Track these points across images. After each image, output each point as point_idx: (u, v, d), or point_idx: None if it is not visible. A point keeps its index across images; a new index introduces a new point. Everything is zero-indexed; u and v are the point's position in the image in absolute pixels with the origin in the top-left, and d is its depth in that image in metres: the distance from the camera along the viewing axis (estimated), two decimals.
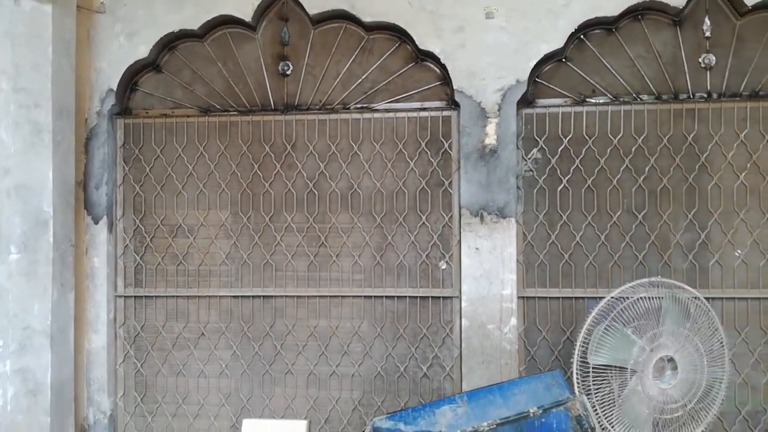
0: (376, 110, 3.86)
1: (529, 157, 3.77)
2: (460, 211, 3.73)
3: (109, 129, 3.94)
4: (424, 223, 3.83)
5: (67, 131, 3.70)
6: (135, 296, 3.98)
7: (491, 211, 3.69)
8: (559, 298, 3.71)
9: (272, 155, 3.92)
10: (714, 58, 3.68)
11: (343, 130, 3.88)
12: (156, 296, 3.97)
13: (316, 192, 3.88)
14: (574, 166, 3.73)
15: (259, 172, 3.92)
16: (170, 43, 3.96)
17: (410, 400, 3.75)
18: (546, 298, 3.72)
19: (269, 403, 3.87)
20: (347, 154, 3.87)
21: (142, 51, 3.88)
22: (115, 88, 3.89)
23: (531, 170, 3.76)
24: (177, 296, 3.96)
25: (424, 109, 3.84)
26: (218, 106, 3.96)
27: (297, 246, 3.88)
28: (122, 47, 3.89)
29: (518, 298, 3.70)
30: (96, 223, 3.89)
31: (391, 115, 3.85)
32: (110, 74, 3.90)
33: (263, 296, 3.90)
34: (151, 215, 3.99)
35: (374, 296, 3.83)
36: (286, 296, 3.88)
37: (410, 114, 3.84)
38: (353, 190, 3.86)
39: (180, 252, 3.95)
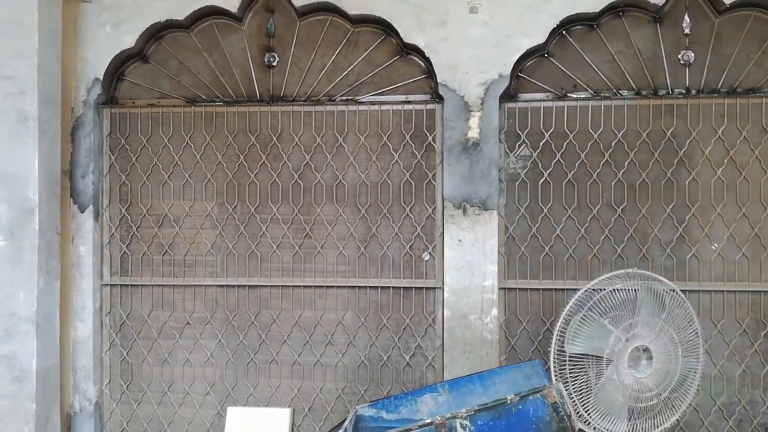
0: (361, 103, 3.90)
1: (515, 153, 3.82)
2: (443, 204, 3.79)
3: (96, 118, 3.95)
4: (408, 214, 3.88)
5: (53, 120, 3.71)
6: (121, 285, 4.01)
7: (474, 204, 3.74)
8: (539, 289, 3.78)
9: (258, 146, 3.95)
10: (693, 55, 3.75)
11: (329, 121, 3.92)
12: (142, 285, 4.00)
13: (301, 183, 3.92)
14: (556, 160, 3.79)
15: (244, 163, 3.95)
16: (157, 33, 3.98)
17: (393, 389, 3.81)
18: (527, 289, 3.79)
19: (254, 391, 3.92)
20: (332, 146, 3.91)
21: (129, 41, 3.89)
22: (101, 78, 3.91)
23: (519, 167, 3.81)
24: (162, 285, 3.99)
25: (409, 102, 3.88)
26: (204, 97, 3.98)
27: (282, 237, 3.93)
28: (109, 37, 3.90)
29: (499, 289, 3.76)
30: (82, 211, 3.91)
31: (376, 107, 3.90)
32: (96, 64, 3.91)
33: (248, 286, 3.94)
34: (137, 204, 4.01)
35: (358, 287, 3.89)
36: (271, 286, 3.93)
37: (395, 107, 3.89)
38: (338, 181, 3.91)
39: (166, 241, 3.98)
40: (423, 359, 3.84)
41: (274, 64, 3.94)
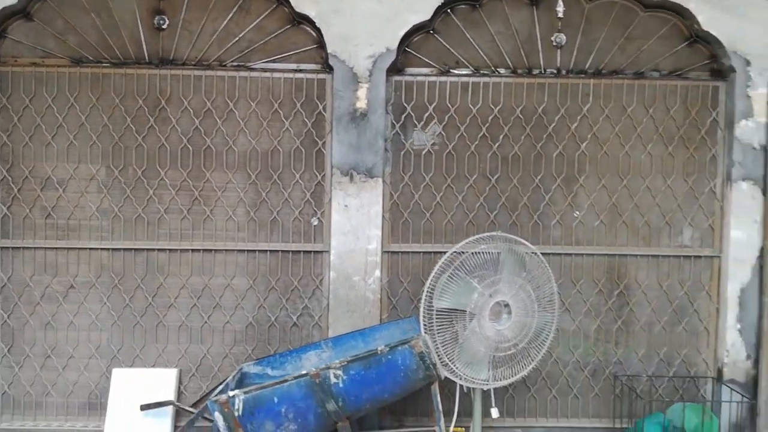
0: (253, 69, 3.97)
1: (427, 130, 4.00)
2: (332, 171, 3.94)
3: None
4: (298, 181, 4.00)
5: None
6: (2, 247, 3.92)
7: (360, 171, 3.92)
8: (420, 252, 4.01)
9: (146, 109, 3.95)
10: (564, 37, 4.05)
11: (219, 86, 3.96)
12: (24, 248, 3.93)
13: (190, 148, 3.95)
14: (438, 132, 4.02)
15: (132, 126, 3.94)
16: None
17: (280, 348, 3.96)
18: (408, 252, 4.02)
19: (140, 353, 3.96)
20: (223, 111, 3.97)
21: None
22: None
23: (434, 144, 4.00)
24: (46, 248, 3.93)
25: (300, 71, 3.98)
26: (91, 58, 3.92)
27: (170, 201, 3.95)
28: None
29: (383, 252, 3.97)
30: None
31: (267, 74, 3.97)
32: None
33: (135, 249, 3.95)
34: (18, 166, 3.92)
35: (247, 250, 3.99)
36: (158, 250, 3.96)
37: (286, 75, 3.98)
38: (229, 147, 3.97)
39: (49, 204, 3.92)
40: (310, 319, 4.01)
41: (164, 26, 3.93)
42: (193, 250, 3.97)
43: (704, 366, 4.05)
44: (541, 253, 3.58)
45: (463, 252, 3.45)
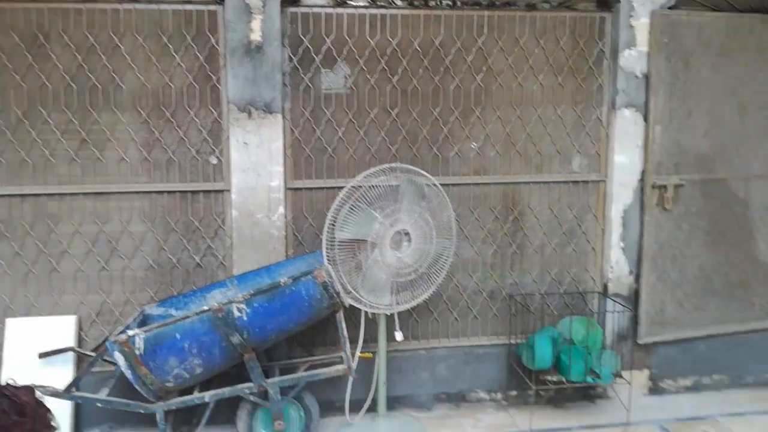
0: (138, 1, 3.75)
1: (336, 71, 3.93)
2: (228, 107, 3.84)
3: None
4: (193, 118, 3.88)
5: None
6: None
7: (258, 107, 3.84)
8: (324, 188, 4.03)
9: (23, 46, 3.67)
10: None
11: (102, 21, 3.72)
12: None
13: (74, 86, 3.73)
14: (336, 65, 3.99)
15: (8, 65, 3.66)
16: None
17: (184, 290, 3.91)
18: (312, 188, 4.03)
19: (35, 302, 3.81)
20: (107, 47, 3.74)
21: None
22: None
23: (348, 87, 3.94)
24: None
25: (189, 2, 3.80)
26: None
27: (56, 143, 3.75)
28: None
29: (287, 189, 3.96)
30: None
31: (154, 6, 3.77)
32: None
33: (21, 195, 3.74)
34: None
35: (143, 192, 3.86)
36: (46, 195, 3.76)
37: (174, 6, 3.79)
38: (116, 85, 3.77)
39: None
40: (214, 259, 3.97)
41: None
42: (84, 194, 3.80)
43: (592, 283, 4.37)
44: (441, 184, 3.68)
45: (360, 186, 3.50)
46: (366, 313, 3.69)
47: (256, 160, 3.85)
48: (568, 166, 4.30)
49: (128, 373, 3.13)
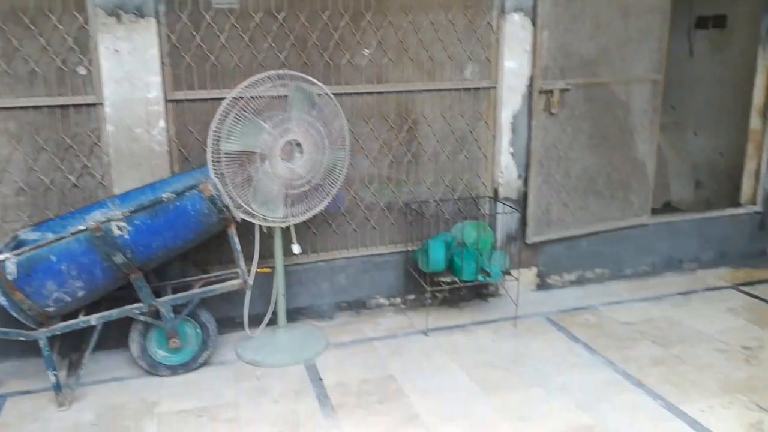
0: None
1: None
2: (94, 10, 3.48)
3: None
4: (56, 26, 3.49)
5: None
6: None
7: (129, 11, 3.51)
8: (208, 99, 3.80)
9: None
10: None
11: None
12: None
13: None
14: None
15: None
16: None
17: (61, 212, 3.65)
18: (195, 100, 3.79)
19: None
20: None
21: None
22: None
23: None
24: None
25: None
26: None
27: None
28: None
29: (167, 101, 3.71)
30: None
31: None
32: None
33: None
34: None
35: (4, 108, 3.49)
36: None
37: None
38: None
39: None
40: (91, 178, 3.71)
41: None
42: None
43: (483, 188, 4.50)
44: (334, 94, 3.58)
45: (241, 96, 3.33)
46: (261, 227, 3.62)
47: (129, 69, 3.56)
48: (461, 74, 4.29)
49: (2, 300, 2.93)
